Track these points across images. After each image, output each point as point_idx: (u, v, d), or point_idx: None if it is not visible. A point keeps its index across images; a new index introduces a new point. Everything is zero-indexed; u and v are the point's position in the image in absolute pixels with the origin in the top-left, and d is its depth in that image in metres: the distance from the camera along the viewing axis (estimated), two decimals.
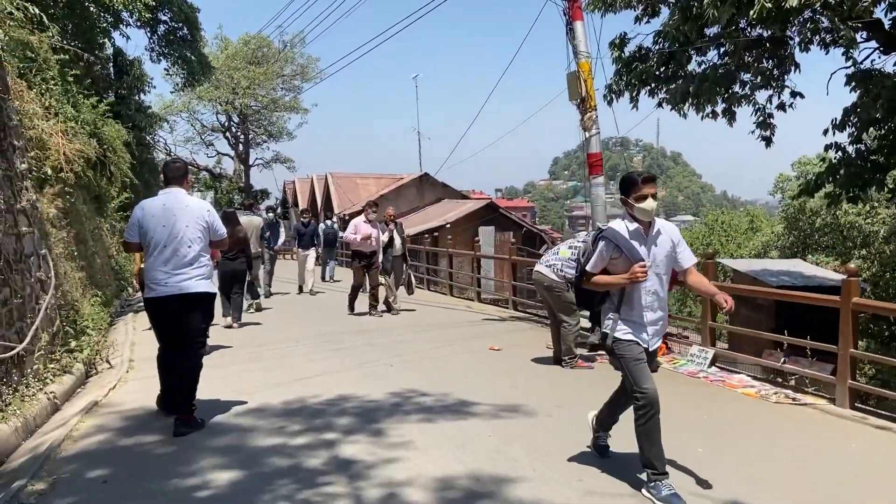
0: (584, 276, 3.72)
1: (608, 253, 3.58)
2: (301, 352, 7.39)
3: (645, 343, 3.67)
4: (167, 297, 4.69)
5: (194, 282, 4.73)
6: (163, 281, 4.68)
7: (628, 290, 3.57)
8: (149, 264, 4.77)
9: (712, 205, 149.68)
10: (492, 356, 7.14)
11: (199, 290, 4.76)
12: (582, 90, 7.78)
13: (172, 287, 4.67)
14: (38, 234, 6.43)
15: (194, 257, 4.74)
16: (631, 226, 3.60)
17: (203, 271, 4.83)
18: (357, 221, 10.12)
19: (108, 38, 17.90)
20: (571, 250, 6.50)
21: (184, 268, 4.70)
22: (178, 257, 4.69)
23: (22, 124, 7.18)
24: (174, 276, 4.68)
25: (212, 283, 5.01)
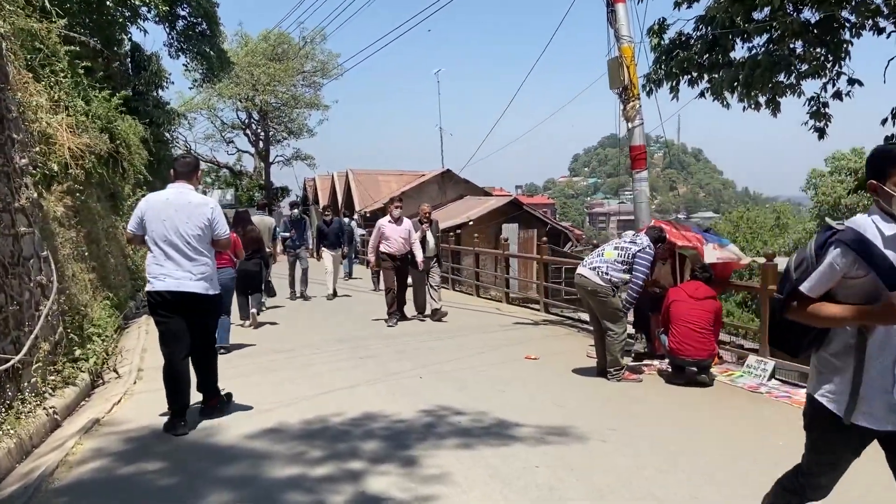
0: (792, 300, 2.29)
1: (844, 267, 2.18)
2: (323, 360, 6.86)
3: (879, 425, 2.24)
4: (165, 293, 4.65)
5: (191, 281, 4.65)
6: (161, 275, 4.65)
7: (876, 335, 2.19)
8: (149, 258, 4.75)
9: (734, 201, 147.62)
10: (529, 366, 6.54)
11: (196, 291, 4.67)
12: (624, 77, 7.15)
13: (170, 283, 4.63)
14: (39, 234, 5.96)
15: (192, 255, 4.66)
16: (888, 227, 2.17)
17: (202, 270, 4.71)
18: (381, 225, 9.26)
19: (125, 32, 17.56)
20: (618, 251, 5.88)
21: (181, 265, 4.64)
22: (176, 253, 4.64)
23: (25, 117, 6.72)
24: (173, 271, 4.64)
25: (213, 284, 4.83)
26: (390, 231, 9.13)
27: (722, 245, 6.51)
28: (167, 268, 4.66)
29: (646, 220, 7.43)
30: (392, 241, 9.09)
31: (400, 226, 9.19)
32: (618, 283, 5.82)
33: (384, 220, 9.28)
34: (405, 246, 9.13)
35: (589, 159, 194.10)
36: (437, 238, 9.75)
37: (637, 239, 5.91)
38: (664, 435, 4.48)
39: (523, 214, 27.89)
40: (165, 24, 21.38)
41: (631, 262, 5.81)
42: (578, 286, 6.00)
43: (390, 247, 9.11)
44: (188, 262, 4.68)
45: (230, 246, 5.56)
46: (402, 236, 9.14)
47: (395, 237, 9.08)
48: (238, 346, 7.82)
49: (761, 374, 6.11)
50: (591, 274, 5.85)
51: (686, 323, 5.69)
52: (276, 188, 41.60)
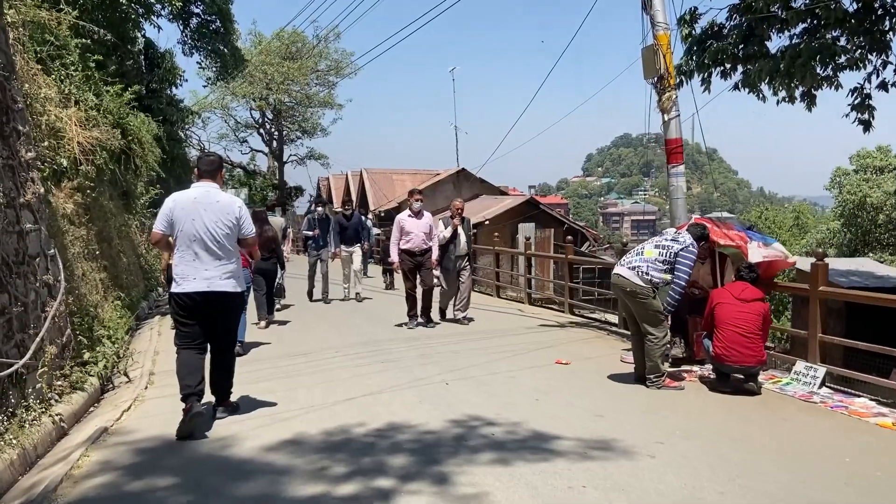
0: None
1: None
2: (343, 364, 6.52)
3: None
4: (194, 294, 4.59)
5: (220, 280, 4.63)
6: (190, 276, 4.60)
7: None
8: (177, 258, 4.66)
9: (748, 201, 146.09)
10: (561, 372, 6.17)
11: (226, 290, 4.65)
12: (660, 66, 6.76)
13: (200, 283, 4.58)
14: (46, 231, 5.67)
15: (222, 254, 4.64)
16: None
17: (231, 269, 4.70)
18: (400, 220, 8.61)
19: (138, 29, 17.35)
20: (658, 250, 5.49)
21: (212, 263, 4.61)
22: (205, 253, 4.60)
23: (32, 110, 6.45)
24: (202, 271, 4.59)
25: (240, 282, 4.83)
26: (410, 225, 8.53)
27: (766, 243, 6.10)
28: (196, 268, 4.61)
29: (682, 217, 7.04)
30: (412, 236, 8.50)
31: (420, 220, 8.59)
32: (658, 284, 5.43)
33: (403, 215, 8.67)
34: (425, 242, 8.55)
35: (602, 159, 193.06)
36: (470, 236, 9.12)
37: (679, 237, 5.52)
38: (717, 451, 4.09)
39: (540, 214, 27.49)
40: (179, 22, 21.22)
41: (672, 262, 5.42)
42: (616, 287, 5.62)
43: (409, 243, 8.51)
44: (217, 262, 4.64)
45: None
46: (424, 231, 8.55)
47: (416, 232, 8.50)
48: (254, 345, 7.58)
49: (811, 382, 5.70)
50: (629, 274, 5.46)
51: (732, 327, 5.30)
52: (290, 187, 41.44)
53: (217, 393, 4.93)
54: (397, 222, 8.63)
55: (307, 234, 11.53)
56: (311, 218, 11.83)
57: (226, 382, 4.96)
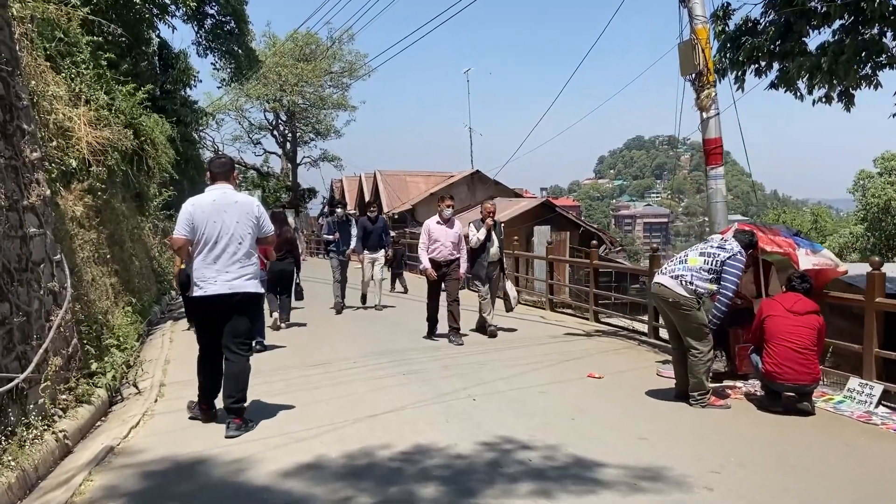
0: None
1: None
2: (363, 376, 6.18)
3: None
4: (216, 297, 4.58)
5: (243, 281, 4.64)
6: (212, 279, 4.59)
7: None
8: (198, 262, 4.64)
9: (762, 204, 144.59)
10: (595, 387, 5.78)
11: (248, 291, 4.67)
12: (699, 62, 6.36)
13: (222, 285, 4.58)
14: (52, 236, 5.38)
15: (244, 255, 4.66)
16: None
17: (252, 270, 4.73)
18: (429, 226, 7.96)
19: (152, 29, 17.18)
20: (703, 258, 5.09)
21: (233, 266, 4.62)
22: (227, 255, 4.61)
23: (40, 108, 6.17)
24: (224, 273, 4.60)
25: (259, 283, 4.88)
26: (439, 233, 7.85)
27: (815, 250, 5.70)
28: (218, 271, 4.60)
29: (722, 222, 6.64)
30: (439, 245, 7.85)
31: (451, 228, 7.91)
32: (703, 294, 5.05)
33: (432, 222, 7.99)
34: (452, 252, 7.87)
35: (614, 161, 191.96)
36: (502, 241, 8.46)
37: (726, 244, 5.12)
38: (780, 482, 3.70)
39: (555, 217, 27.06)
40: (194, 23, 21.10)
41: (719, 271, 5.03)
42: (656, 297, 5.22)
43: (435, 251, 7.87)
44: (238, 264, 4.65)
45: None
46: (452, 240, 7.87)
47: (444, 241, 7.83)
48: (270, 348, 7.28)
49: (866, 401, 5.28)
50: (672, 283, 5.08)
51: (785, 342, 4.89)
52: (303, 189, 41.31)
53: (229, 402, 4.69)
54: (426, 229, 8.01)
55: (327, 239, 10.96)
56: (331, 221, 11.13)
57: (239, 391, 4.74)
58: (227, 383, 4.73)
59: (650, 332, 7.94)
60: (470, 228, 8.17)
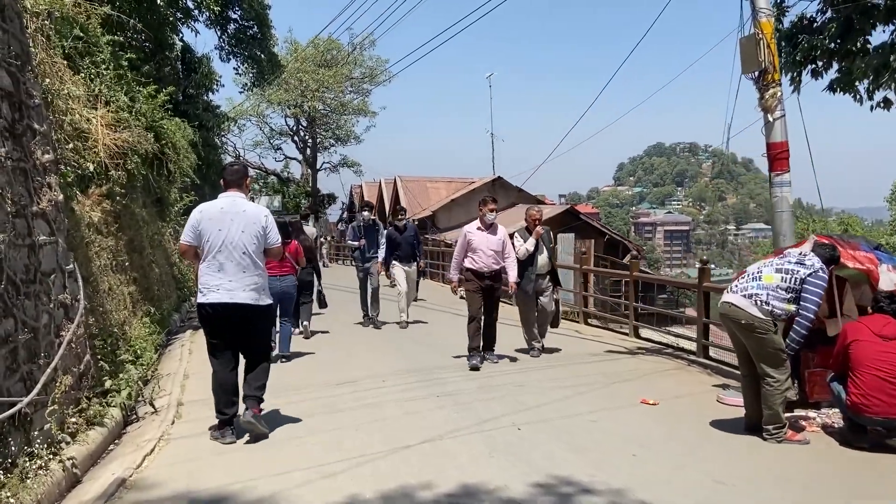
0: None
1: None
2: (393, 397, 5.72)
3: None
4: (218, 305, 4.56)
5: (242, 292, 4.59)
6: (215, 287, 4.57)
7: None
8: (203, 269, 4.64)
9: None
10: (651, 416, 5.25)
11: (246, 302, 4.60)
12: (763, 58, 5.83)
13: (222, 294, 4.55)
14: (65, 244, 4.99)
15: (248, 264, 4.61)
16: None
17: (255, 281, 4.65)
18: (468, 233, 7.10)
19: (175, 32, 16.97)
20: (781, 275, 4.56)
21: (238, 275, 4.58)
22: (231, 263, 4.58)
23: (54, 108, 5.81)
24: (225, 282, 4.56)
25: (264, 294, 4.76)
26: (479, 241, 6.99)
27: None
28: (221, 279, 4.57)
29: (788, 234, 6.09)
30: (480, 254, 6.98)
31: (494, 235, 7.04)
32: (781, 316, 4.51)
33: (471, 228, 7.12)
34: (496, 261, 7.03)
35: (634, 168, 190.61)
36: (552, 250, 7.70)
37: (806, 260, 4.58)
38: None
39: (580, 224, 26.48)
40: (216, 28, 20.96)
41: (797, 289, 4.49)
42: (727, 318, 4.69)
43: (477, 262, 6.99)
44: (241, 273, 4.60)
45: (281, 255, 5.41)
46: (494, 248, 6.99)
47: (485, 249, 6.97)
48: (294, 356, 6.84)
49: None
50: (745, 303, 4.54)
51: (874, 370, 4.34)
52: (323, 195, 41.12)
53: (248, 391, 4.75)
54: (463, 236, 7.12)
55: (352, 245, 10.08)
56: (356, 225, 10.11)
57: (258, 391, 4.77)
58: (248, 377, 4.77)
59: (699, 351, 7.38)
60: (515, 239, 7.38)
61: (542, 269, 7.44)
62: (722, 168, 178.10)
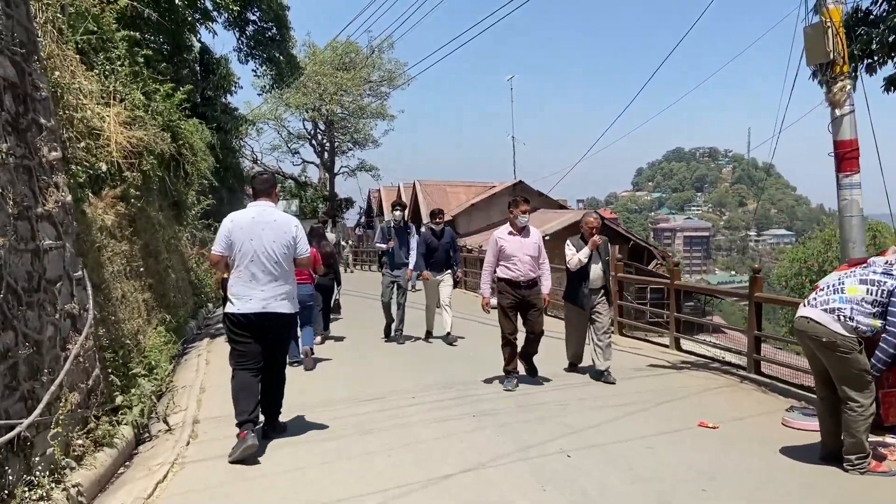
0: None
1: None
2: (425, 416, 5.26)
3: None
4: (250, 314, 4.58)
5: (277, 301, 4.63)
6: (246, 297, 4.58)
7: None
8: (233, 278, 4.65)
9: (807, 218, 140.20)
10: (713, 441, 4.74)
11: (280, 311, 4.65)
12: (831, 48, 5.34)
13: (255, 304, 4.57)
14: (73, 248, 4.61)
15: (279, 274, 4.64)
16: None
17: (287, 290, 4.70)
18: (499, 239, 6.31)
19: (194, 33, 16.74)
20: (866, 286, 4.04)
21: (268, 285, 4.61)
22: (263, 273, 4.61)
23: (64, 103, 5.45)
24: (257, 292, 4.58)
25: (293, 303, 4.81)
26: (513, 246, 6.21)
27: None
28: (252, 288, 4.59)
29: (858, 241, 5.57)
30: (515, 261, 6.21)
31: (528, 238, 6.29)
32: (866, 333, 4.01)
33: (501, 233, 6.36)
34: (534, 268, 6.27)
35: (653, 173, 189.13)
36: (607, 262, 6.78)
37: (894, 270, 4.08)
38: None
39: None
40: (235, 29, 20.80)
41: (885, 302, 3.98)
42: (805, 335, 4.18)
43: (512, 270, 6.21)
44: (273, 282, 4.63)
45: (311, 264, 5.43)
46: (531, 253, 6.24)
47: (521, 255, 6.21)
48: (315, 383, 6.38)
49: None
50: (827, 319, 4.04)
51: None
52: (340, 199, 40.90)
53: (267, 412, 4.83)
54: (493, 243, 6.34)
55: (380, 247, 9.03)
56: (385, 227, 8.88)
57: (277, 402, 4.91)
58: (265, 393, 4.76)
59: (751, 367, 6.85)
60: (566, 248, 6.65)
61: (596, 282, 6.61)
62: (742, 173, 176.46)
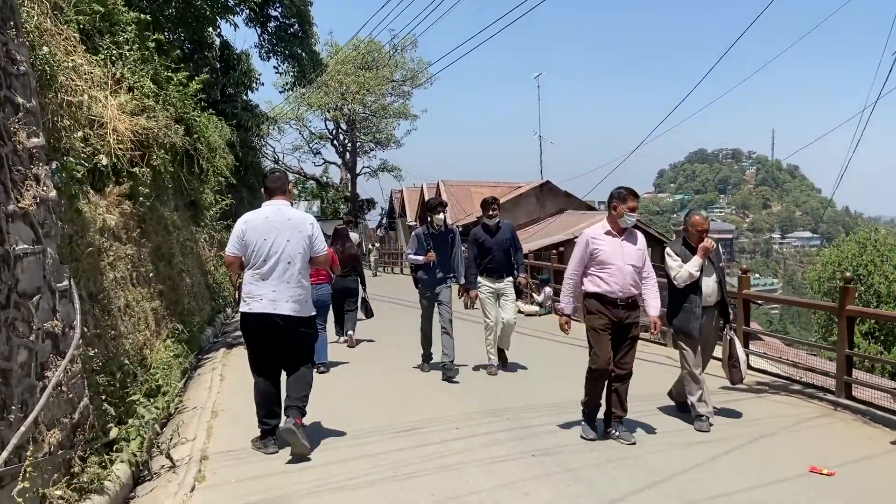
0: None
1: None
2: (475, 455, 4.41)
3: None
4: (263, 315, 4.45)
5: (290, 303, 4.47)
6: (259, 297, 4.47)
7: None
8: (247, 278, 4.56)
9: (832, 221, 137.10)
10: (836, 494, 3.83)
11: (289, 314, 4.47)
12: None
13: (265, 304, 4.44)
14: (56, 254, 3.85)
15: (294, 274, 4.51)
16: None
17: (301, 292, 4.54)
18: (593, 238, 4.75)
19: (214, 27, 16.11)
20: None
21: (282, 285, 4.47)
22: (277, 273, 4.47)
23: (53, 83, 4.71)
24: (269, 292, 4.46)
25: (307, 306, 4.61)
26: (612, 251, 4.66)
27: None
28: (265, 288, 4.46)
29: None
30: (612, 270, 4.64)
31: (634, 244, 4.76)
32: None
33: (596, 232, 4.76)
34: (636, 282, 4.73)
35: (675, 175, 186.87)
36: (722, 272, 5.31)
37: None
38: None
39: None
40: (256, 25, 20.25)
41: None
42: None
43: (607, 282, 4.64)
44: (286, 284, 4.47)
45: (329, 262, 5.16)
46: (634, 263, 4.71)
47: (619, 263, 4.65)
48: (340, 372, 5.56)
49: None
50: None
51: None
52: (362, 200, 40.32)
53: (289, 402, 4.49)
54: (583, 244, 4.74)
55: (415, 261, 6.89)
56: (422, 233, 6.90)
57: (302, 396, 4.54)
58: (290, 387, 4.55)
59: (840, 391, 5.91)
60: (668, 258, 5.17)
61: (710, 299, 5.16)
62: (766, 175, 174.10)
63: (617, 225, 4.76)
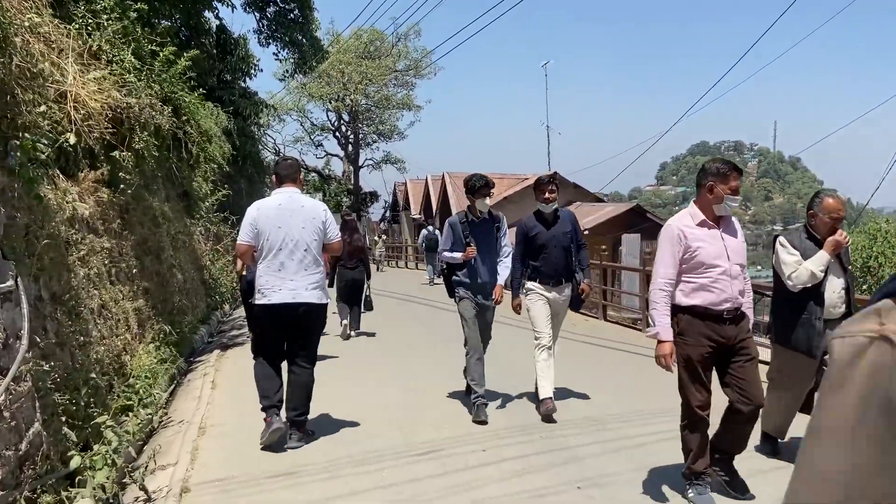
0: None
1: None
2: (508, 488, 3.68)
3: None
4: (281, 305, 4.35)
5: (308, 290, 4.40)
6: (276, 287, 4.37)
7: None
8: (262, 269, 4.44)
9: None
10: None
11: (311, 301, 4.39)
12: None
13: (285, 294, 4.35)
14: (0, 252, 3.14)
15: (309, 262, 4.42)
16: None
17: (317, 279, 4.47)
18: (681, 230, 3.49)
19: (210, 9, 15.36)
20: None
21: (298, 273, 4.38)
22: (292, 262, 4.39)
23: (5, 42, 3.97)
24: (289, 281, 4.36)
25: (325, 292, 4.53)
26: (711, 247, 3.47)
27: None
28: (282, 278, 4.36)
29: None
30: (715, 274, 3.44)
31: (735, 237, 3.57)
32: None
33: (685, 221, 3.55)
34: (743, 290, 3.54)
35: (677, 167, 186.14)
36: (850, 275, 4.15)
37: None
38: None
39: (648, 225, 24.12)
40: (255, 11, 19.53)
41: None
42: None
43: (714, 289, 3.44)
44: (303, 271, 4.40)
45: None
46: (740, 262, 3.53)
47: (725, 265, 3.46)
48: (358, 382, 4.85)
49: None
50: None
51: None
52: (365, 193, 39.61)
53: (292, 415, 4.43)
54: (673, 240, 3.49)
55: (452, 259, 5.24)
56: (460, 221, 5.26)
57: (303, 404, 4.49)
58: (292, 395, 4.48)
59: None
60: (781, 249, 4.02)
61: (834, 310, 3.96)
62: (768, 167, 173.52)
63: (712, 212, 3.51)
